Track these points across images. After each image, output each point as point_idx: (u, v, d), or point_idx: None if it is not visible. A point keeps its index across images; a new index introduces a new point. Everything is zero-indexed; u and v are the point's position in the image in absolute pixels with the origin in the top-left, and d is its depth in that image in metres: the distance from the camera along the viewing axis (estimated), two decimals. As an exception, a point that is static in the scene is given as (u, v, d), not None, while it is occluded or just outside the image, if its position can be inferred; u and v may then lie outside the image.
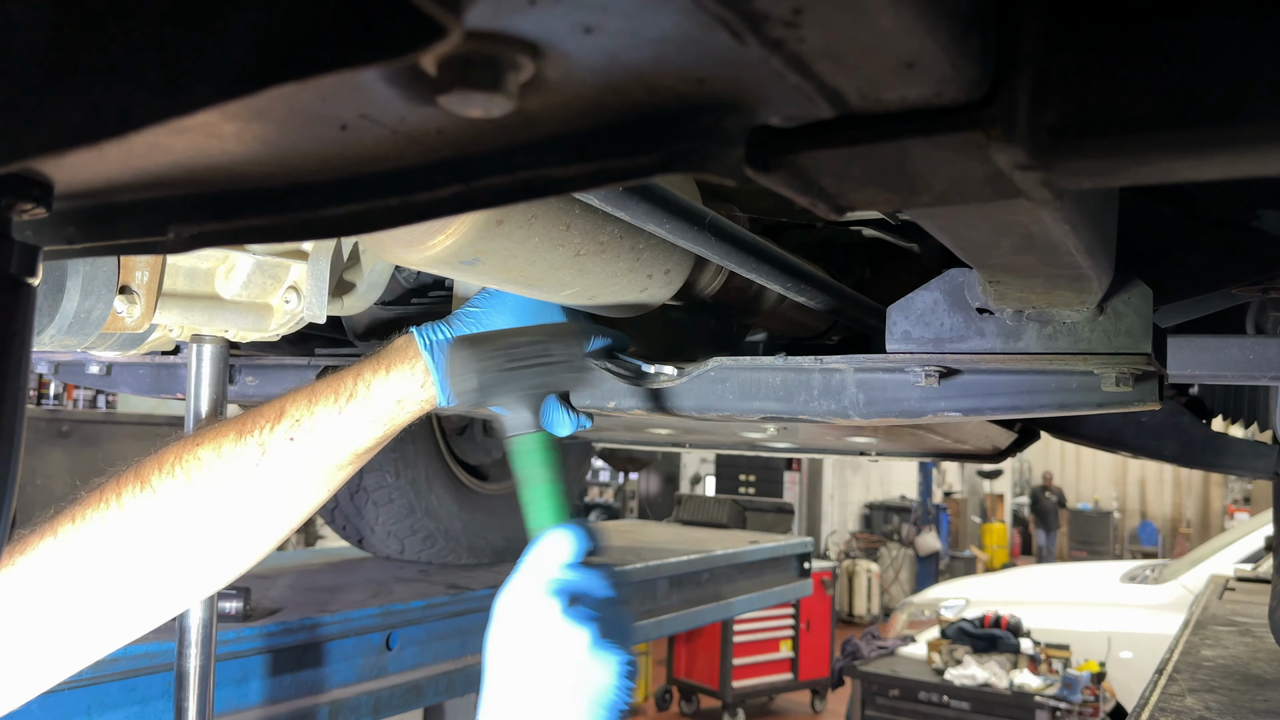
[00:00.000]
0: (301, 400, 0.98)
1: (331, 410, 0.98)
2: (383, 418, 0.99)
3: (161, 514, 0.94)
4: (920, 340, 1.02)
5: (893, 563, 11.79)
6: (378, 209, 0.46)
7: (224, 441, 0.96)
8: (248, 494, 0.96)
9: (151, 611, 0.99)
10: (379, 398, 0.99)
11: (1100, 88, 0.40)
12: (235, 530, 0.98)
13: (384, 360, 1.00)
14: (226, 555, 1.00)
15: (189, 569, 0.98)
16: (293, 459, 0.97)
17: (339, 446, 0.98)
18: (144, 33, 0.37)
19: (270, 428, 0.97)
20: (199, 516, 0.95)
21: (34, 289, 0.49)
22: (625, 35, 0.34)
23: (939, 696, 5.08)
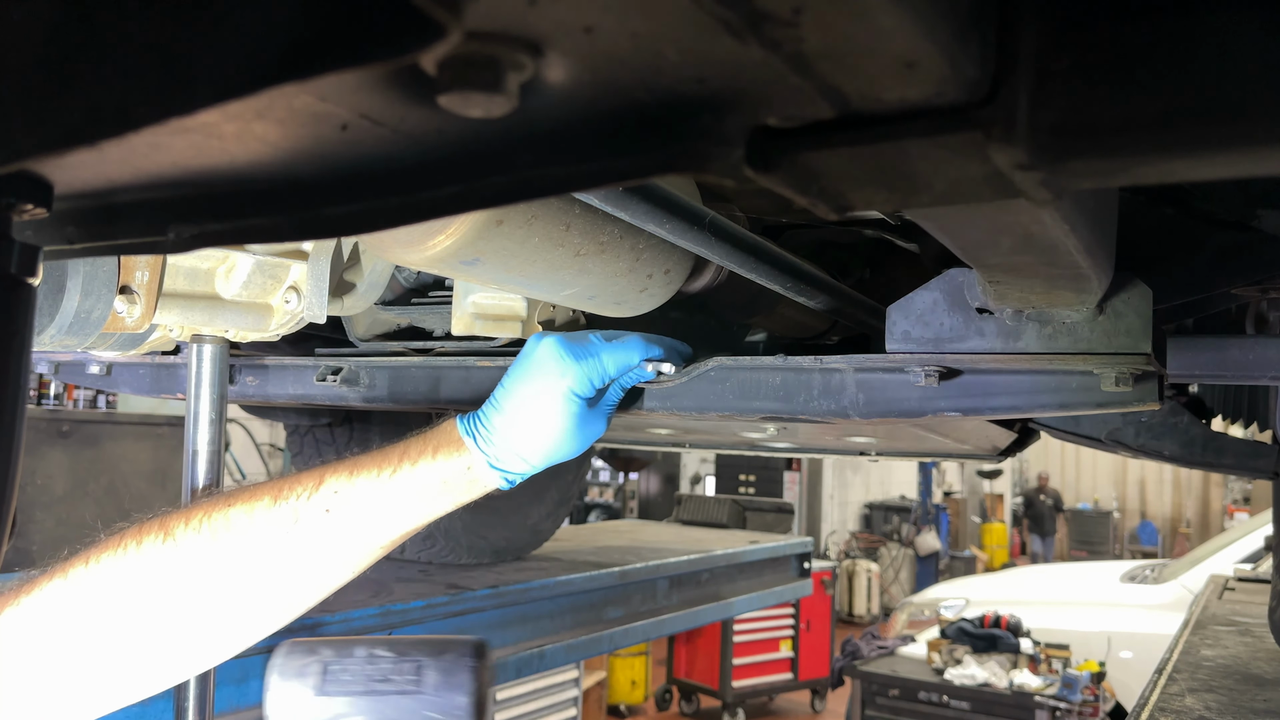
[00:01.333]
0: (343, 471, 0.96)
1: (373, 484, 0.96)
2: (426, 497, 0.98)
3: (180, 566, 0.90)
4: (920, 340, 1.02)
5: (893, 563, 11.79)
6: (378, 209, 0.46)
7: (257, 504, 0.93)
8: (273, 561, 0.93)
9: (158, 669, 0.94)
10: (424, 477, 0.98)
11: (1100, 88, 0.40)
12: (254, 596, 0.94)
13: (431, 441, 1.00)
14: (240, 620, 0.96)
15: (200, 629, 0.94)
16: (327, 532, 0.94)
17: (376, 523, 0.96)
18: (144, 33, 0.37)
19: (308, 495, 0.94)
20: (219, 576, 0.92)
21: (34, 289, 0.49)
22: (625, 35, 0.34)
23: (939, 696, 5.08)
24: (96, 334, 1.09)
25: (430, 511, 0.99)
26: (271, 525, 0.93)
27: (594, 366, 1.02)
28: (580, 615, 2.64)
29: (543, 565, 2.72)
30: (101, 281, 1.06)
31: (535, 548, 2.90)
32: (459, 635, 1.14)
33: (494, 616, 2.34)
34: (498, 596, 2.33)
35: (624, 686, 6.97)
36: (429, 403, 1.35)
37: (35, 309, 0.50)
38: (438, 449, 0.99)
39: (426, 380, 1.34)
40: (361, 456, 0.98)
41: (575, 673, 4.37)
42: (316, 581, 0.97)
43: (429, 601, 2.17)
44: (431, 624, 2.18)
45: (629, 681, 6.99)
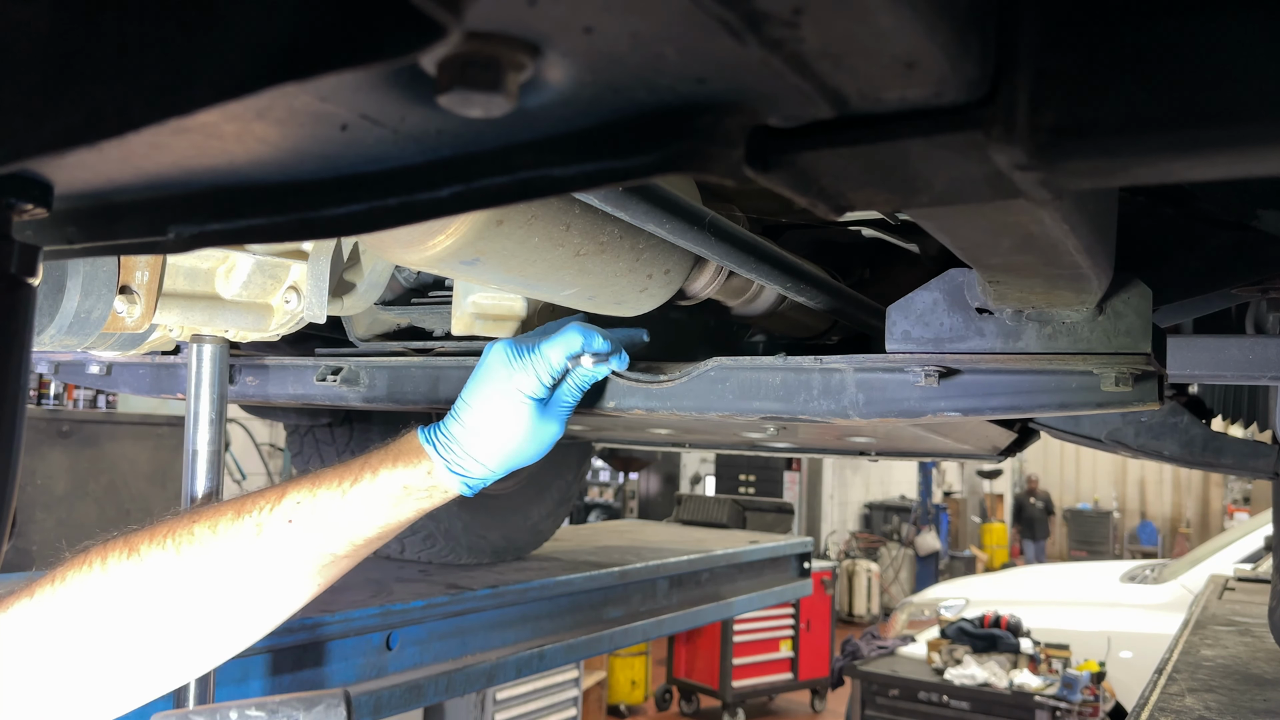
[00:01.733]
0: (305, 484, 0.98)
1: (335, 494, 0.97)
2: (386, 505, 0.99)
3: (146, 583, 0.91)
4: (920, 340, 1.02)
5: (893, 562, 11.79)
6: (378, 209, 0.46)
7: (221, 519, 0.94)
8: (239, 574, 0.94)
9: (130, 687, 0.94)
10: (385, 487, 0.99)
11: (1100, 88, 0.40)
12: (222, 612, 0.95)
13: (391, 451, 1.02)
14: (209, 637, 0.96)
15: (169, 647, 0.94)
16: (290, 542, 0.95)
17: (339, 533, 0.97)
18: (144, 33, 0.37)
19: (270, 508, 0.95)
20: (186, 591, 0.92)
21: (34, 289, 0.49)
22: (625, 35, 0.34)
23: (939, 696, 5.08)
24: (96, 334, 1.09)
25: (393, 519, 1.00)
26: (235, 538, 0.93)
27: (537, 362, 1.03)
28: (580, 615, 2.64)
29: (543, 565, 2.72)
30: (101, 281, 1.06)
31: (535, 548, 2.90)
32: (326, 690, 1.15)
33: (494, 616, 2.34)
34: (498, 596, 2.33)
35: (624, 686, 6.97)
36: (429, 403, 1.35)
37: (35, 309, 0.50)
38: (398, 458, 1.00)
39: (426, 380, 1.34)
40: (323, 470, 1.00)
41: (575, 673, 4.37)
42: (285, 593, 0.98)
43: (429, 601, 2.17)
44: (431, 624, 2.18)
45: (629, 681, 6.99)
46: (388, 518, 1.00)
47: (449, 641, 2.22)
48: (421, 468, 1.00)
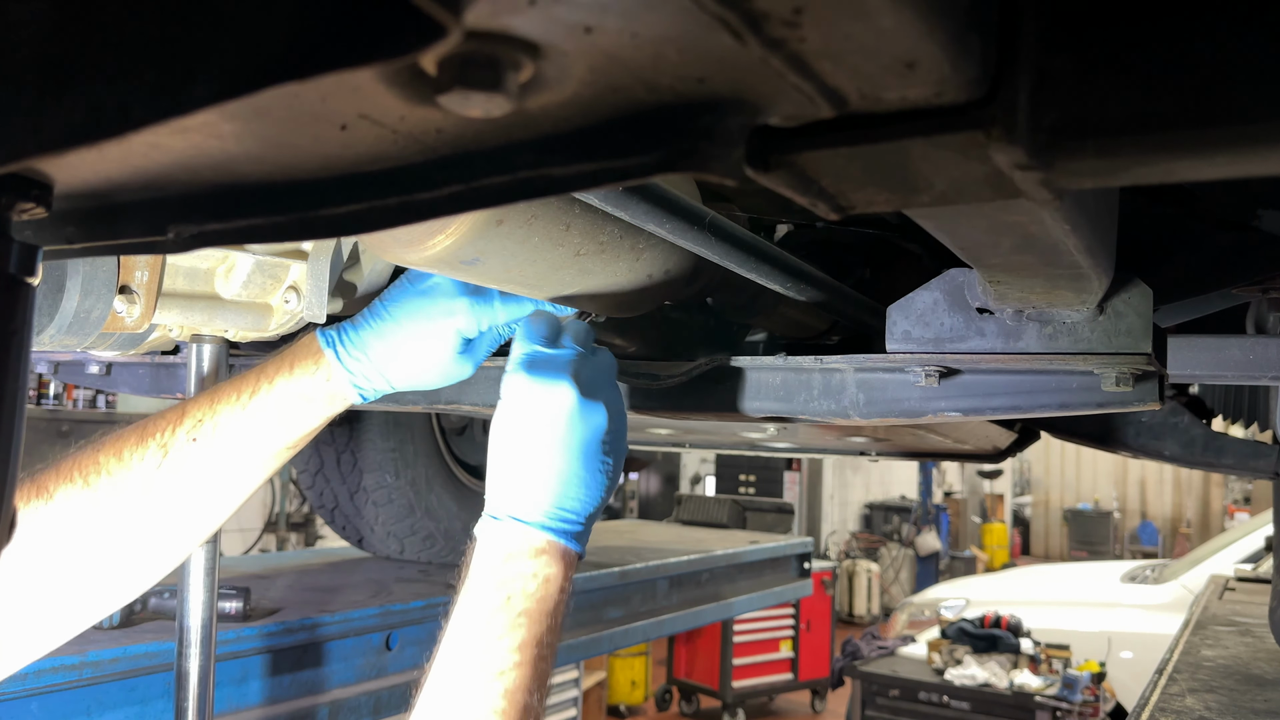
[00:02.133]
0: (204, 401, 0.96)
1: (234, 408, 0.95)
2: (288, 413, 0.97)
3: (60, 522, 0.90)
4: (920, 340, 1.02)
5: (893, 563, 11.79)
6: (378, 209, 0.46)
7: (124, 446, 0.93)
8: (151, 498, 0.92)
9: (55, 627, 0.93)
10: (283, 396, 0.97)
11: (1100, 88, 0.40)
12: (140, 535, 0.94)
13: (287, 358, 0.99)
14: (131, 563, 0.95)
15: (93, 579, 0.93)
16: (196, 460, 0.94)
17: (244, 446, 0.96)
18: (144, 33, 0.37)
19: (172, 429, 0.94)
20: (100, 523, 0.91)
21: (34, 288, 0.49)
22: (625, 35, 0.34)
23: (939, 696, 5.08)
24: (96, 334, 1.09)
25: (296, 430, 0.98)
26: (142, 463, 0.92)
27: (486, 309, 1.00)
28: (580, 615, 2.64)
29: (543, 565, 2.71)
30: (101, 281, 1.06)
31: (535, 548, 2.89)
32: None
33: (494, 616, 2.34)
34: (498, 596, 2.33)
35: (624, 687, 6.97)
36: (427, 402, 1.35)
37: (35, 309, 0.50)
38: (294, 364, 0.98)
39: (426, 380, 1.34)
40: (222, 384, 0.98)
41: (575, 673, 4.37)
42: (200, 513, 0.96)
43: (429, 601, 2.17)
44: (431, 624, 2.18)
45: (629, 682, 6.99)
46: (290, 428, 0.98)
47: (449, 641, 2.22)
48: (320, 374, 0.98)
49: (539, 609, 0.88)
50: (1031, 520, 17.85)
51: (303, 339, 1.01)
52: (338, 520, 2.59)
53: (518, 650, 0.86)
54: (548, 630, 0.88)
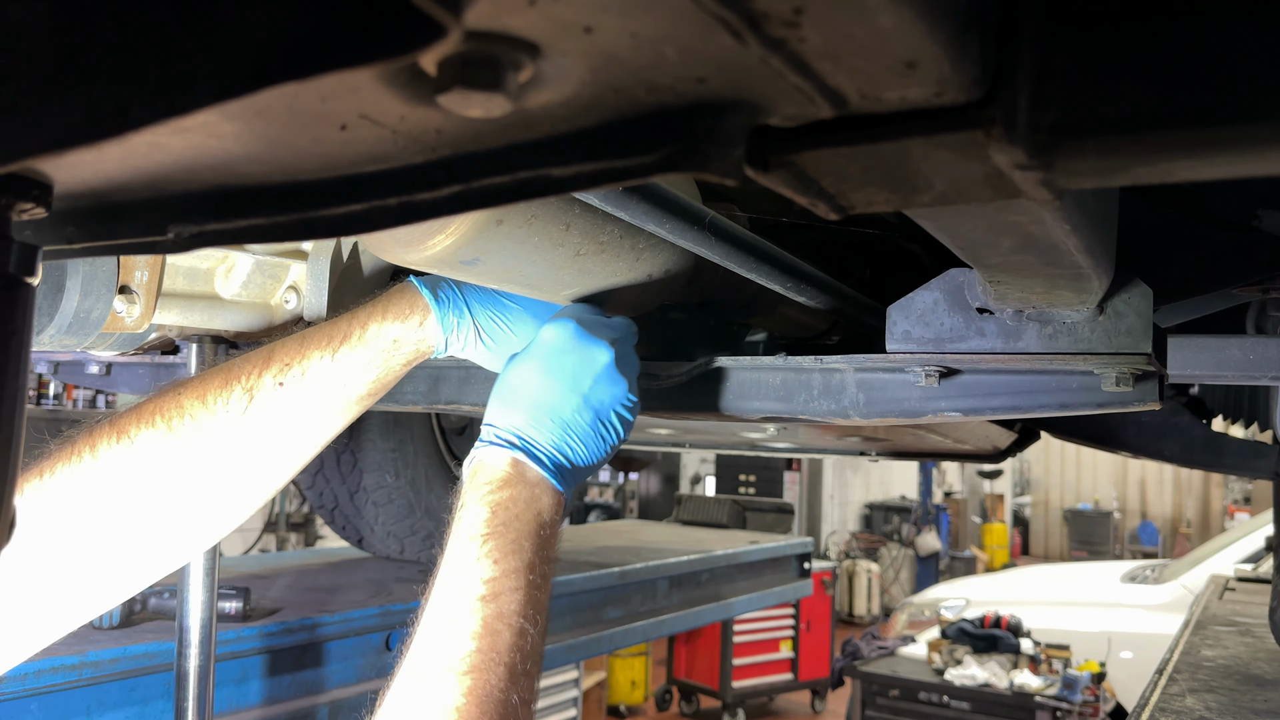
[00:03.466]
0: (293, 345, 0.95)
1: (325, 353, 0.94)
2: (377, 360, 0.97)
3: (141, 465, 0.88)
4: (920, 340, 1.02)
5: (893, 563, 11.79)
6: (378, 209, 0.46)
7: (208, 390, 0.91)
8: (235, 442, 0.91)
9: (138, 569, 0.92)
10: (374, 340, 0.96)
11: (1100, 87, 0.40)
12: (224, 480, 0.92)
13: (380, 305, 0.98)
14: (215, 507, 0.94)
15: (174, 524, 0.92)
16: (282, 405, 0.92)
17: (331, 391, 0.95)
18: (144, 33, 0.37)
19: (258, 373, 0.92)
20: (182, 467, 0.89)
21: (33, 288, 0.49)
22: (625, 35, 0.34)
23: (939, 697, 5.08)
24: (96, 334, 1.09)
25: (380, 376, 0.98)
26: (226, 407, 0.91)
27: None
28: (580, 615, 2.64)
29: (543, 565, 2.71)
30: (101, 281, 1.06)
31: (535, 548, 2.89)
32: None
33: (494, 616, 2.34)
34: (498, 596, 2.33)
35: (624, 687, 6.97)
36: (428, 402, 1.35)
37: (35, 309, 0.50)
38: (387, 311, 0.98)
39: (426, 380, 1.34)
40: (310, 329, 0.97)
41: (575, 673, 4.37)
42: (280, 459, 0.96)
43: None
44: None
45: (629, 682, 6.98)
46: (376, 375, 0.97)
47: (449, 642, 2.22)
48: (414, 320, 0.98)
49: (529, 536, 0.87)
50: (1031, 520, 17.85)
51: (395, 288, 1.00)
52: (338, 520, 2.59)
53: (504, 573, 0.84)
54: (539, 559, 0.86)
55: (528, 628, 0.82)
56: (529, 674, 0.81)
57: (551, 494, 0.90)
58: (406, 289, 0.99)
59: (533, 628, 0.83)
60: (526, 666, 0.81)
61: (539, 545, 0.87)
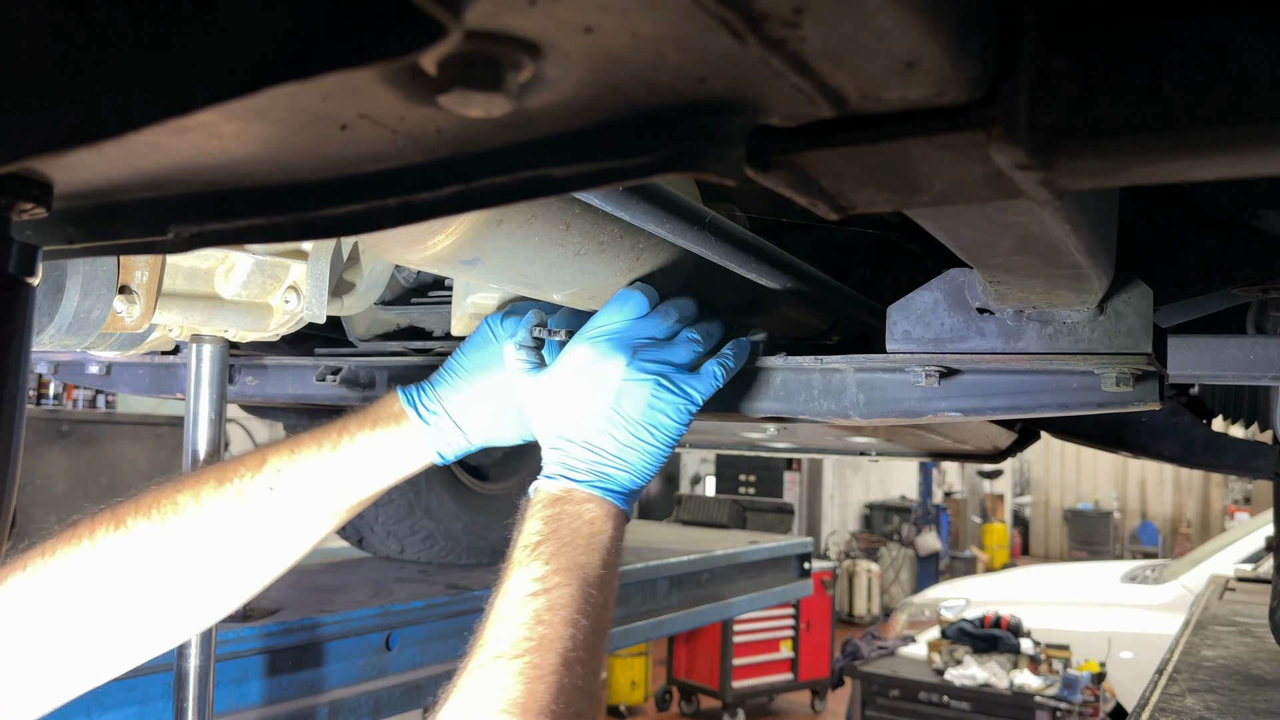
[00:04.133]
0: (284, 450, 0.98)
1: (314, 461, 0.98)
2: (366, 472, 1.00)
3: (134, 554, 0.93)
4: (920, 340, 1.02)
5: (893, 563, 11.78)
6: (378, 209, 0.46)
7: (203, 488, 0.95)
8: (224, 542, 0.95)
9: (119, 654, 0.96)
10: (363, 452, 0.99)
11: (1100, 88, 0.40)
12: (209, 577, 0.96)
13: (369, 416, 1.01)
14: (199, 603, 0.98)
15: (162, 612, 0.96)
16: (272, 509, 0.96)
17: (320, 498, 0.98)
18: (144, 33, 0.37)
19: (251, 476, 0.96)
20: (171, 560, 0.94)
21: (33, 288, 0.49)
22: (625, 35, 0.34)
23: (939, 697, 5.08)
24: (96, 334, 1.09)
25: (373, 484, 1.01)
26: (218, 507, 0.95)
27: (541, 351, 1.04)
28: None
29: (543, 565, 2.71)
30: (101, 281, 1.06)
31: (535, 548, 2.89)
32: None
33: (494, 617, 2.34)
34: (498, 597, 2.33)
35: (624, 686, 6.97)
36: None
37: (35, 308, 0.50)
38: (376, 421, 1.01)
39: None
40: (302, 434, 1.00)
41: (575, 673, 4.36)
42: (268, 559, 0.99)
43: (429, 602, 2.17)
44: (431, 624, 2.18)
45: (629, 681, 6.98)
46: (366, 484, 1.00)
47: (449, 642, 2.22)
48: (401, 432, 1.00)
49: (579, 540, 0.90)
50: (1031, 520, 17.85)
51: (385, 397, 1.03)
52: (338, 520, 2.59)
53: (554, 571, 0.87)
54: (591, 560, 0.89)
55: (580, 619, 0.85)
56: (582, 661, 0.83)
57: (600, 505, 0.93)
58: (393, 398, 1.03)
59: (586, 620, 0.85)
60: (579, 654, 0.83)
61: (590, 548, 0.90)
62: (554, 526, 0.91)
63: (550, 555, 0.88)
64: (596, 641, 0.87)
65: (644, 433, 0.95)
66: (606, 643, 0.90)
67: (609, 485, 0.94)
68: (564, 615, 0.84)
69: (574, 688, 0.82)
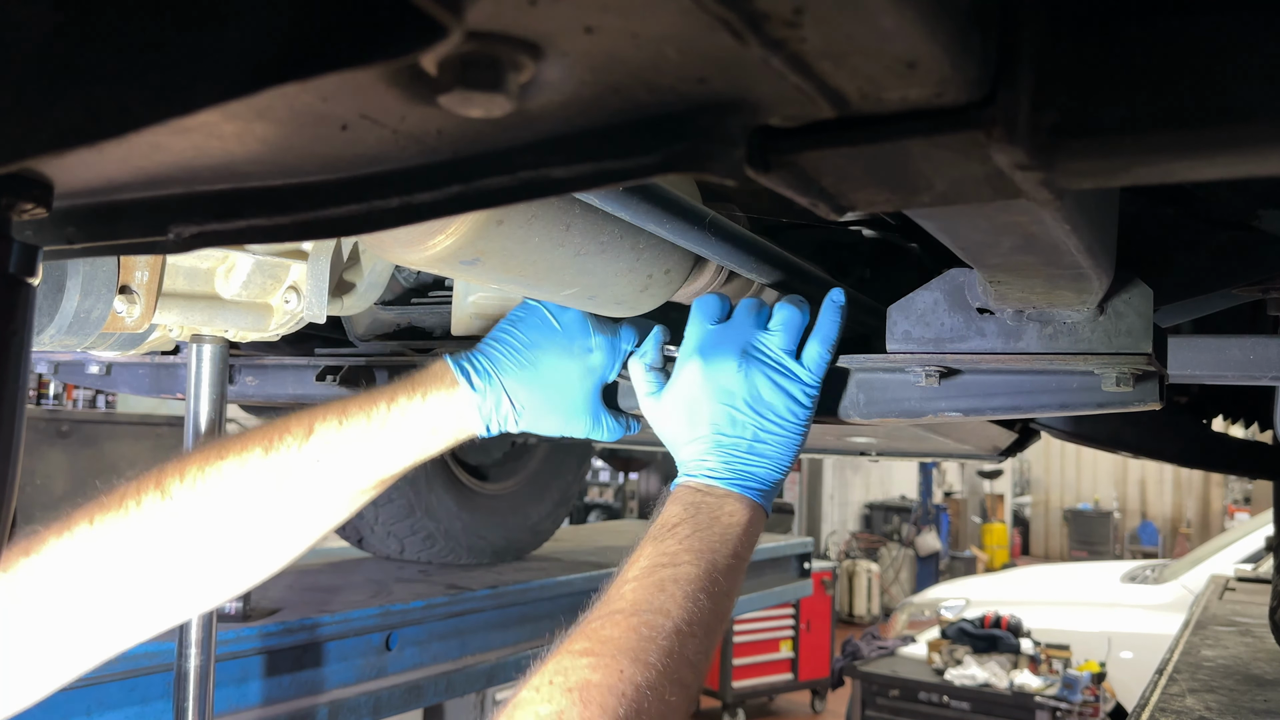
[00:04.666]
0: (332, 419, 0.97)
1: (363, 433, 0.97)
2: (414, 444, 0.99)
3: (180, 524, 0.93)
4: (920, 340, 1.02)
5: (893, 563, 11.78)
6: (378, 209, 0.46)
7: (249, 456, 0.95)
8: (268, 511, 0.95)
9: (158, 617, 0.97)
10: (413, 424, 0.99)
11: (1101, 88, 0.40)
12: (251, 545, 0.97)
13: (419, 385, 1.00)
14: (239, 568, 0.99)
15: (201, 579, 0.97)
16: (318, 479, 0.96)
17: (366, 470, 0.98)
18: (144, 33, 0.37)
19: (299, 446, 0.96)
20: (217, 529, 0.94)
21: (34, 288, 0.49)
22: (625, 35, 0.34)
23: (939, 697, 5.08)
24: (96, 334, 1.09)
25: (414, 456, 1.01)
26: (264, 476, 0.95)
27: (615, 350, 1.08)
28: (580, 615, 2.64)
29: (543, 565, 2.71)
30: (101, 281, 1.06)
31: (535, 548, 2.89)
32: None
33: (494, 617, 2.34)
34: (497, 597, 2.33)
35: (624, 686, 6.96)
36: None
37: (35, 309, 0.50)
38: (426, 391, 1.00)
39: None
40: (349, 403, 0.99)
41: (575, 673, 4.36)
42: (309, 527, 1.00)
43: (429, 602, 2.17)
44: (431, 624, 2.18)
45: (629, 681, 6.97)
46: (410, 455, 1.00)
47: (449, 642, 2.22)
48: (453, 404, 1.00)
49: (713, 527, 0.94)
50: (1031, 520, 17.85)
51: (433, 365, 1.03)
52: (338, 520, 2.59)
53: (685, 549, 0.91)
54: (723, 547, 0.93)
55: (701, 597, 0.88)
56: (696, 636, 0.86)
57: (736, 500, 0.97)
58: (443, 368, 1.02)
59: (707, 599, 0.88)
60: (694, 629, 0.86)
61: (724, 537, 0.94)
62: (692, 513, 0.95)
63: (685, 537, 0.92)
64: (714, 623, 0.89)
65: (770, 423, 0.99)
66: (723, 627, 0.93)
67: (747, 482, 0.98)
68: (687, 589, 0.87)
69: (682, 656, 0.84)
